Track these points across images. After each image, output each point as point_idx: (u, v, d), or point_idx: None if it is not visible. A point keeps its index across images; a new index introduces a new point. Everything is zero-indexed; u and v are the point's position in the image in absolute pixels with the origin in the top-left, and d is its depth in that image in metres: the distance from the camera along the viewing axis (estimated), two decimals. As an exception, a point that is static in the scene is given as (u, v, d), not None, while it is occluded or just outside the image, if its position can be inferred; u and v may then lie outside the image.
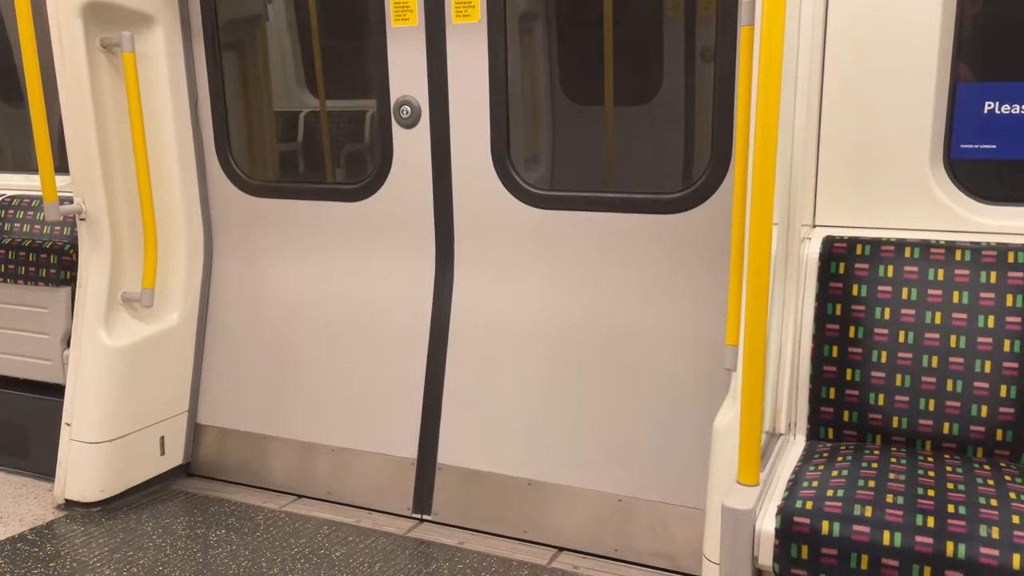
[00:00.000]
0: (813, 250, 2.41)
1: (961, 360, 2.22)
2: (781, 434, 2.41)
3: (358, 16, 3.40)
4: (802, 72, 2.35)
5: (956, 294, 2.26)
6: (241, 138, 3.74)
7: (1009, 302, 2.22)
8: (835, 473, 2.05)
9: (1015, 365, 2.19)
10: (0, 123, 4.40)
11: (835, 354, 2.33)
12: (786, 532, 1.89)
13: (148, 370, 3.54)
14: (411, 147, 3.32)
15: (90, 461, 3.40)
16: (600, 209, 3.09)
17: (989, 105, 2.42)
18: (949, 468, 2.08)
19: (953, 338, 2.23)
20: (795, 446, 2.33)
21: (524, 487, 3.20)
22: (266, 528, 3.30)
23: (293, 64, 3.89)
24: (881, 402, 2.28)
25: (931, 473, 2.05)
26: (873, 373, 2.29)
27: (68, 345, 3.60)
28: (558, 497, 3.15)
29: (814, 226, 2.53)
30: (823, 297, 2.36)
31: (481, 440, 3.28)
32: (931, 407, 2.24)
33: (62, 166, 3.41)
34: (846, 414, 2.32)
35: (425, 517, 3.35)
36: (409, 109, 3.28)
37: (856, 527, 1.84)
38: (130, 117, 3.35)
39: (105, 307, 3.42)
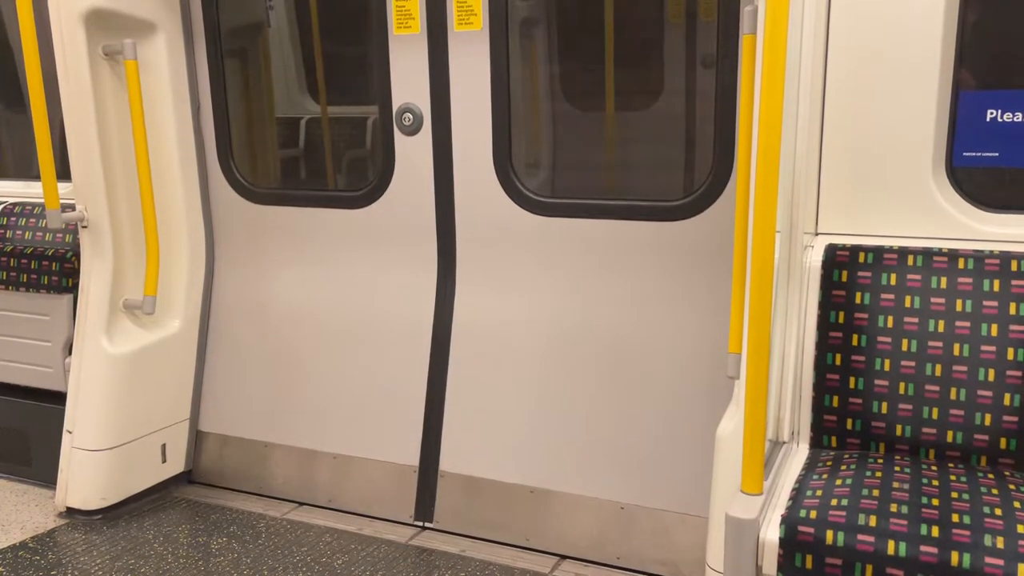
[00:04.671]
0: (816, 258, 2.41)
1: (964, 368, 2.22)
2: (784, 442, 2.41)
3: (360, 23, 3.41)
4: (804, 80, 2.35)
5: (959, 302, 2.25)
6: (243, 145, 3.75)
7: (1012, 310, 2.22)
8: (839, 482, 2.04)
9: (1019, 373, 2.18)
10: (2, 130, 4.41)
11: (838, 362, 2.33)
12: (790, 541, 1.88)
13: (150, 377, 3.54)
14: (413, 154, 3.32)
15: (91, 469, 3.40)
16: (602, 216, 3.09)
17: (991, 113, 2.42)
18: (953, 477, 2.08)
19: (956, 346, 2.23)
20: (798, 454, 2.32)
21: (526, 495, 3.20)
22: (268, 536, 3.29)
23: (295, 71, 3.90)
24: (884, 410, 2.28)
25: (935, 482, 2.04)
26: (876, 381, 2.29)
27: (70, 352, 3.59)
28: (560, 505, 3.15)
29: (816, 234, 2.53)
30: (826, 305, 2.36)
31: (483, 447, 3.27)
32: (934, 415, 2.23)
33: (64, 173, 3.41)
34: (849, 422, 2.31)
35: (427, 525, 3.35)
36: (411, 116, 3.28)
37: (860, 537, 1.84)
38: (132, 124, 3.35)
39: (107, 314, 3.42)
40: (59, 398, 3.56)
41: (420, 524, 3.36)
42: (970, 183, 2.45)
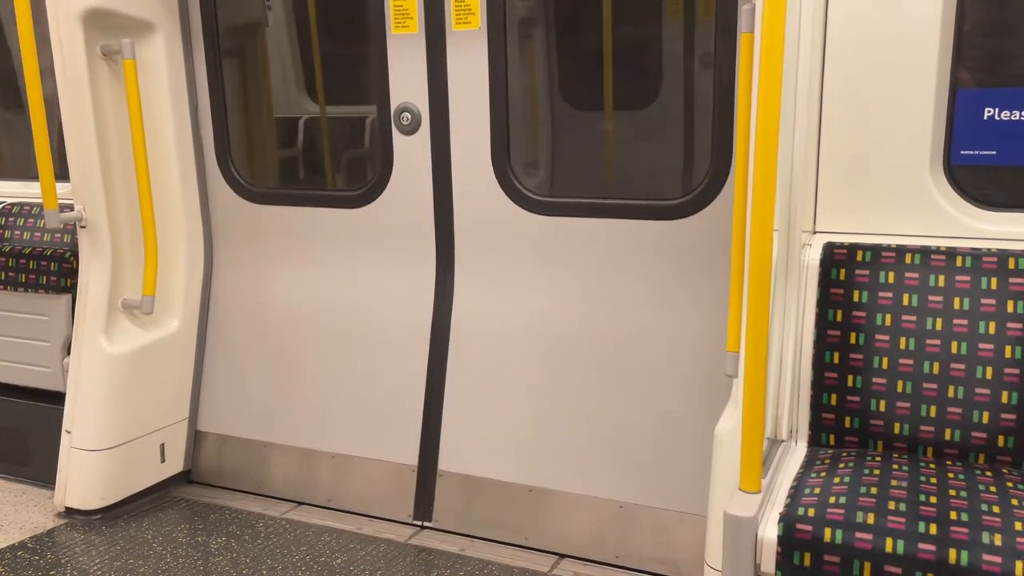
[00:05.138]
0: (814, 256, 2.41)
1: (962, 366, 2.22)
2: (782, 440, 2.41)
3: (358, 23, 3.41)
4: (802, 78, 2.35)
5: (957, 300, 2.26)
6: (241, 144, 3.75)
7: (1010, 308, 2.22)
8: (837, 480, 2.04)
9: (1016, 371, 2.19)
10: (1, 130, 4.40)
11: (836, 360, 2.33)
12: (788, 539, 1.89)
13: (148, 377, 3.54)
14: (411, 153, 3.32)
15: (90, 468, 3.40)
16: (600, 215, 3.09)
17: (989, 111, 2.42)
18: (951, 475, 2.08)
19: (954, 344, 2.23)
20: (796, 452, 2.33)
21: (525, 494, 3.20)
22: (267, 536, 3.29)
23: (293, 70, 3.90)
24: (882, 408, 2.28)
25: (933, 480, 2.04)
26: (874, 379, 2.29)
27: (68, 352, 3.59)
28: (559, 504, 3.15)
29: (814, 232, 2.53)
30: (824, 303, 2.36)
31: (482, 446, 3.27)
32: (932, 413, 2.24)
33: (62, 173, 3.41)
34: (847, 420, 2.32)
35: (426, 524, 3.35)
36: (409, 116, 3.28)
37: (858, 534, 1.84)
38: (130, 124, 3.35)
39: (105, 314, 3.42)
40: (58, 398, 3.56)
41: (419, 523, 3.36)
42: (968, 181, 2.45)
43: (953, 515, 1.87)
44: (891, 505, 1.91)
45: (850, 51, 2.43)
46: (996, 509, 1.90)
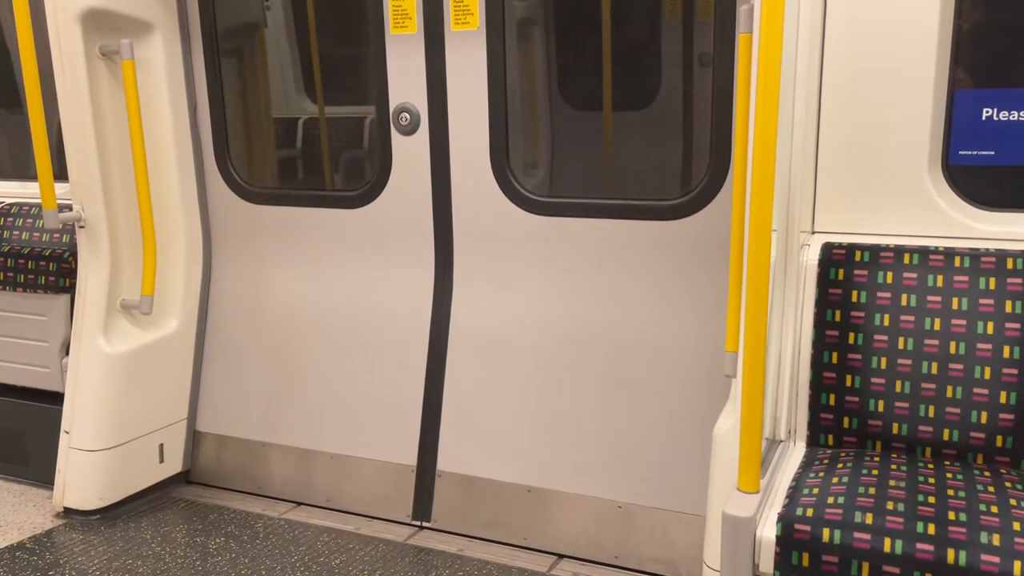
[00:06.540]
0: (812, 256, 2.41)
1: (961, 366, 2.22)
2: (781, 440, 2.41)
3: (357, 23, 3.41)
4: (800, 78, 2.35)
5: (955, 300, 2.26)
6: (240, 145, 3.75)
7: (1008, 308, 2.22)
8: (835, 480, 2.05)
9: (1015, 371, 2.19)
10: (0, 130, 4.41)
11: (835, 360, 2.33)
12: (787, 539, 1.89)
13: (147, 377, 3.54)
14: (410, 154, 3.32)
15: (89, 469, 3.40)
16: (599, 215, 3.10)
17: (987, 111, 2.42)
18: (949, 475, 2.08)
19: (953, 344, 2.23)
20: (795, 453, 2.33)
21: (524, 494, 3.20)
22: (265, 536, 3.29)
23: (292, 71, 3.90)
24: (881, 408, 2.28)
25: (931, 480, 2.05)
26: (873, 379, 2.29)
27: (67, 352, 3.59)
28: (558, 504, 3.15)
29: (813, 232, 2.53)
30: (822, 303, 2.36)
31: (481, 447, 3.27)
32: (931, 413, 2.24)
33: (61, 173, 3.41)
34: (846, 420, 2.32)
35: (425, 524, 3.35)
36: (408, 116, 3.28)
37: (857, 534, 1.84)
38: (129, 124, 3.35)
39: (104, 314, 3.42)
40: (56, 398, 3.56)
41: (418, 523, 3.36)
42: (966, 182, 2.45)
43: (951, 515, 1.87)
44: (889, 505, 1.91)
45: (848, 51, 2.43)
46: (994, 509, 1.90)
